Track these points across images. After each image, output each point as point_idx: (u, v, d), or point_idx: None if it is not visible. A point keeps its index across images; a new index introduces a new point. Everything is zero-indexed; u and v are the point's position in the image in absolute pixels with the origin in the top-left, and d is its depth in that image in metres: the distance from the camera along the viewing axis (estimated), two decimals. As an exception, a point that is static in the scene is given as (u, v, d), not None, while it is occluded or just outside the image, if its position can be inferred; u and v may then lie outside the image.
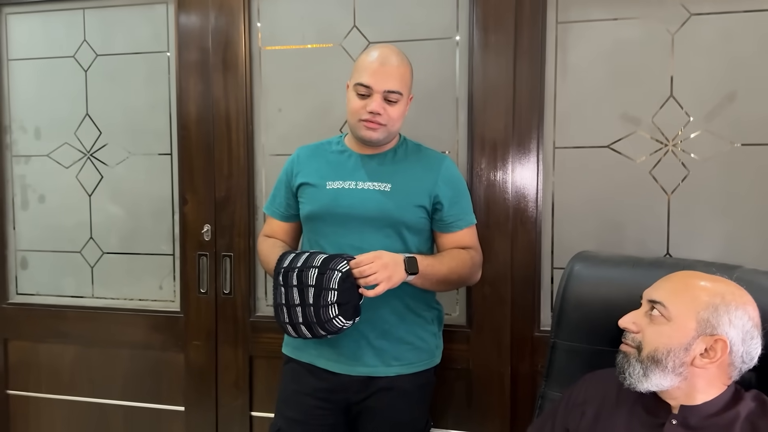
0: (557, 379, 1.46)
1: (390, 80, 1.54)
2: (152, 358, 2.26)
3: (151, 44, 2.21)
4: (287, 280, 1.50)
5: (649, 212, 1.87)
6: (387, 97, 1.54)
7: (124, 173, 2.27)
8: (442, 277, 1.58)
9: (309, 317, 1.47)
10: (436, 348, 1.71)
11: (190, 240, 2.17)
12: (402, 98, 1.57)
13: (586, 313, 1.43)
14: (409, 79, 1.60)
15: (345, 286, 1.44)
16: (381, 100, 1.54)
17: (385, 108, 1.55)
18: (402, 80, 1.56)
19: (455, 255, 1.62)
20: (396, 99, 1.55)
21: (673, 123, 1.84)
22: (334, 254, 1.50)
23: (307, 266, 1.48)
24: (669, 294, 1.18)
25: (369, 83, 1.53)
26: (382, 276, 1.45)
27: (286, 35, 2.10)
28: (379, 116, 1.54)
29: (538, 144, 1.91)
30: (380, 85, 1.53)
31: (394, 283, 1.47)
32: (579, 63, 1.90)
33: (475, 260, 1.67)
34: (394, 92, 1.54)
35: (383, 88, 1.53)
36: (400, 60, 1.57)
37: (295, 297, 1.49)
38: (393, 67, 1.55)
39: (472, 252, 1.66)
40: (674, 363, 1.14)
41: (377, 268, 1.44)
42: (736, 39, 1.78)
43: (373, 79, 1.53)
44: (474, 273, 1.68)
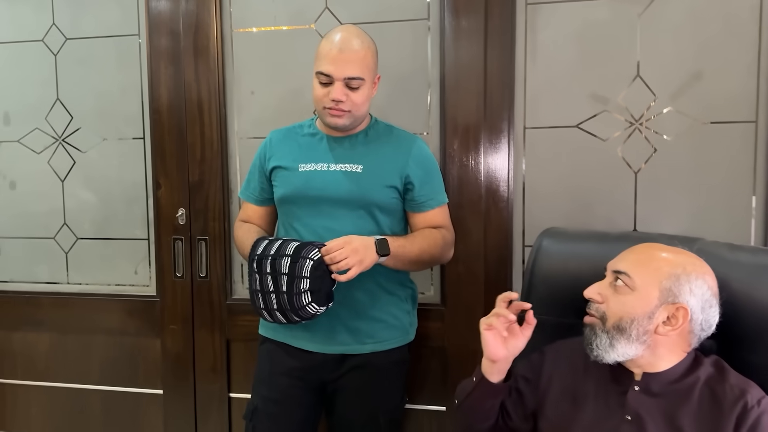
0: (525, 352, 1.49)
1: (350, 67, 1.53)
2: (129, 343, 2.26)
3: (121, 28, 2.19)
4: (261, 267, 1.52)
5: (617, 190, 1.91)
6: (349, 84, 1.54)
7: (97, 158, 2.25)
8: (414, 257, 1.60)
9: (283, 304, 1.49)
10: (410, 326, 1.74)
11: (165, 224, 2.17)
12: (365, 83, 1.56)
13: (554, 286, 1.47)
14: (372, 62, 1.59)
15: (317, 274, 1.46)
16: (343, 87, 1.54)
17: (347, 94, 1.54)
18: (363, 65, 1.55)
19: (427, 235, 1.65)
20: (358, 85, 1.55)
21: (640, 102, 1.88)
22: (306, 242, 1.52)
23: (280, 254, 1.50)
24: (633, 265, 1.22)
25: (329, 71, 1.53)
26: (353, 260, 1.47)
27: (257, 17, 2.09)
28: (342, 103, 1.54)
29: (509, 125, 1.94)
30: (340, 72, 1.53)
31: (365, 266, 1.50)
32: (548, 44, 1.93)
33: (447, 239, 1.69)
34: (356, 78, 1.54)
35: (344, 76, 1.53)
36: (361, 44, 1.56)
37: (269, 284, 1.51)
38: (353, 53, 1.53)
39: (444, 231, 1.69)
40: (638, 331, 1.18)
41: (348, 253, 1.47)
42: (701, 19, 1.83)
43: (332, 67, 1.53)
44: (446, 252, 1.71)
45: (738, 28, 1.81)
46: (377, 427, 1.65)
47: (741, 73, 1.82)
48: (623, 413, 1.20)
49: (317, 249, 1.48)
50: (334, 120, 1.58)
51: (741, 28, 1.81)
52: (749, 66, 1.81)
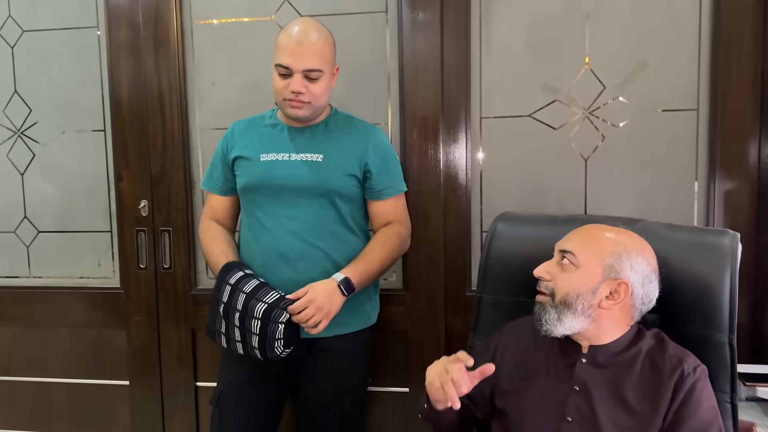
0: (483, 331, 1.57)
1: (308, 59, 1.56)
2: (93, 335, 2.26)
3: (79, 20, 2.18)
4: (229, 317, 1.57)
5: (568, 176, 2.00)
6: (308, 76, 1.57)
7: (57, 151, 2.25)
8: (378, 272, 1.68)
9: (250, 351, 1.56)
10: (372, 309, 1.79)
11: (128, 216, 2.17)
12: (323, 74, 1.60)
13: (508, 267, 1.53)
14: (330, 54, 1.63)
15: (287, 333, 1.53)
16: (302, 79, 1.57)
17: (306, 86, 1.58)
18: (321, 57, 1.58)
19: (383, 242, 1.70)
20: (317, 76, 1.58)
21: (589, 92, 1.96)
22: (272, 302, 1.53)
23: (249, 315, 1.53)
24: (578, 244, 1.29)
25: (287, 64, 1.57)
26: (320, 316, 1.55)
27: (217, 9, 2.11)
28: (302, 95, 1.58)
29: (465, 115, 2.00)
30: (299, 64, 1.56)
31: (335, 313, 1.58)
32: (502, 36, 2.00)
33: (402, 236, 1.75)
34: (314, 70, 1.57)
35: (302, 68, 1.56)
36: (318, 36, 1.59)
37: (236, 335, 1.57)
38: (310, 45, 1.57)
39: (398, 228, 1.73)
40: (583, 306, 1.25)
41: (313, 311, 1.54)
42: (645, 11, 1.92)
43: (291, 60, 1.56)
44: (403, 248, 1.77)
45: (680, 20, 1.91)
46: (341, 406, 1.70)
47: (683, 63, 1.92)
48: (571, 384, 1.28)
49: (285, 311, 1.52)
50: (294, 111, 1.62)
51: (682, 19, 1.91)
52: (690, 56, 1.91)
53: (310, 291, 1.56)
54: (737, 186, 1.89)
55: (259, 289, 1.56)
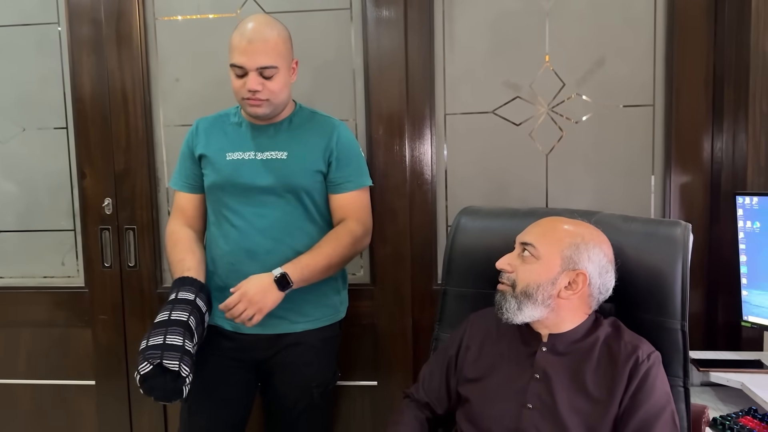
0: (448, 322, 1.60)
1: (261, 56, 1.55)
2: (57, 335, 2.23)
3: (39, 15, 2.15)
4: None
5: (529, 171, 2.05)
6: (262, 73, 1.57)
7: (18, 149, 2.21)
8: (323, 268, 1.64)
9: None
10: (340, 304, 1.81)
11: (91, 214, 2.15)
12: (279, 70, 1.59)
13: (471, 260, 1.57)
14: (284, 49, 1.60)
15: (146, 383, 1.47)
16: (257, 77, 1.56)
17: (263, 83, 1.57)
18: (275, 53, 1.57)
19: (333, 239, 1.67)
20: (272, 73, 1.57)
21: (548, 88, 2.01)
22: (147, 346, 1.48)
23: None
24: (537, 237, 1.33)
25: (241, 63, 1.56)
26: (253, 310, 1.54)
27: (180, 5, 2.10)
28: (259, 93, 1.57)
29: (430, 111, 2.03)
30: (252, 63, 1.55)
31: (269, 308, 1.56)
32: (464, 34, 2.03)
33: (356, 234, 1.70)
34: (268, 67, 1.56)
35: (256, 66, 1.55)
36: (270, 32, 1.58)
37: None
38: (262, 42, 1.55)
39: (351, 225, 1.70)
40: (543, 296, 1.29)
41: (245, 305, 1.53)
42: (602, 10, 1.97)
43: (244, 58, 1.55)
44: (357, 247, 1.72)
45: (635, 17, 1.97)
46: (310, 400, 1.72)
47: (639, 59, 1.98)
48: (532, 372, 1.31)
49: (147, 361, 1.46)
50: (253, 110, 1.62)
51: (638, 17, 1.97)
52: (646, 53, 1.98)
53: (243, 284, 1.55)
54: (691, 179, 1.96)
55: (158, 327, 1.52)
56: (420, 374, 1.51)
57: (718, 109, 1.94)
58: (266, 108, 1.62)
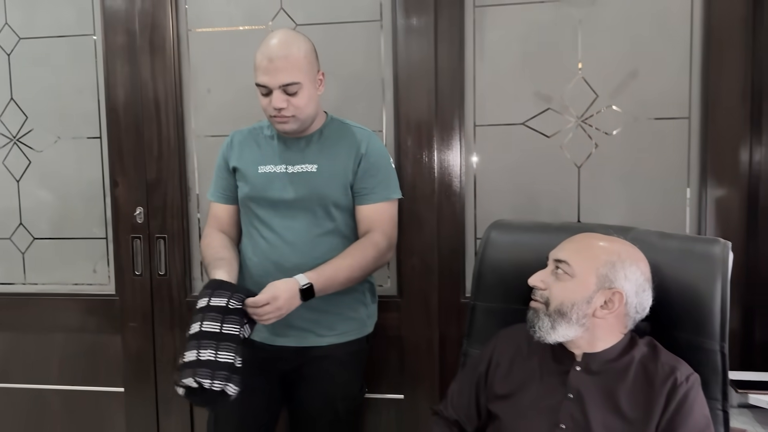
0: (477, 338, 1.57)
1: (282, 74, 1.54)
2: (88, 341, 2.26)
3: (75, 27, 2.19)
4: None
5: (561, 183, 2.01)
6: (286, 90, 1.56)
7: (53, 158, 2.25)
8: (344, 281, 1.61)
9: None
10: (368, 318, 1.79)
11: (123, 223, 2.18)
12: (303, 86, 1.57)
13: (502, 275, 1.54)
14: (306, 63, 1.59)
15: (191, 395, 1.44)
16: (281, 94, 1.56)
17: (287, 100, 1.56)
18: (297, 69, 1.56)
19: (357, 252, 1.64)
20: (296, 90, 1.56)
21: (581, 100, 1.98)
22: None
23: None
24: (572, 253, 1.30)
25: (264, 82, 1.56)
26: (276, 316, 1.50)
27: (213, 17, 2.12)
28: (284, 110, 1.57)
29: (459, 122, 2.02)
30: (274, 81, 1.55)
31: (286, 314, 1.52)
32: (495, 45, 2.01)
33: (380, 247, 1.66)
34: (291, 84, 1.55)
35: (278, 84, 1.55)
36: (291, 48, 1.56)
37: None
38: (283, 60, 1.54)
39: (376, 237, 1.66)
40: (578, 315, 1.26)
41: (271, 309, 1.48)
42: (636, 21, 1.94)
43: (267, 78, 1.55)
44: (380, 262, 1.68)
45: (670, 28, 1.93)
46: (336, 415, 1.71)
47: (674, 71, 1.94)
48: (565, 391, 1.29)
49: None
50: (281, 126, 1.62)
51: (673, 27, 1.93)
52: (682, 64, 1.93)
53: (272, 288, 1.51)
54: (728, 193, 1.91)
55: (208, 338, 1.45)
56: (449, 391, 1.49)
57: (756, 122, 1.89)
58: (293, 124, 1.62)
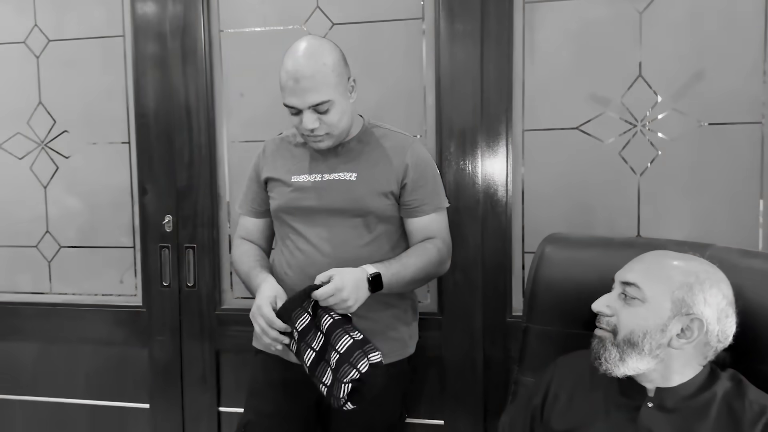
0: (530, 364, 1.43)
1: (310, 95, 1.43)
2: (115, 354, 2.18)
3: (106, 28, 2.12)
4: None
5: (619, 193, 1.86)
6: (316, 109, 1.45)
7: (81, 163, 2.18)
8: (409, 279, 1.52)
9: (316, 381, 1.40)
10: (409, 338, 1.66)
11: (151, 231, 2.10)
12: (335, 102, 1.46)
13: (558, 296, 1.40)
14: (335, 76, 1.46)
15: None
16: (311, 114, 1.45)
17: (319, 119, 1.46)
18: (325, 86, 1.44)
19: (421, 253, 1.56)
20: (326, 107, 1.45)
21: (641, 103, 1.82)
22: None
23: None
24: (642, 275, 1.15)
25: (292, 104, 1.45)
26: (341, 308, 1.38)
27: (246, 18, 2.03)
28: (317, 129, 1.47)
29: (507, 127, 1.88)
30: (303, 102, 1.44)
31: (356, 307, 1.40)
32: (547, 44, 1.87)
33: (443, 253, 1.60)
34: (321, 103, 1.44)
35: (307, 105, 1.44)
36: (315, 64, 1.43)
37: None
38: (310, 79, 1.42)
39: (438, 243, 1.59)
40: (651, 345, 1.11)
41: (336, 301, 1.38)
42: (703, 16, 1.78)
43: (294, 99, 1.44)
44: (441, 266, 1.61)
45: (741, 26, 1.76)
46: (373, 442, 1.58)
47: (745, 72, 1.77)
48: (635, 430, 1.14)
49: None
50: (316, 145, 1.53)
51: (744, 25, 1.76)
52: (754, 64, 1.76)
53: (337, 277, 1.39)
54: (807, 205, 1.73)
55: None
56: (500, 423, 1.35)
57: (839, 127, 1.71)
58: (329, 141, 1.51)
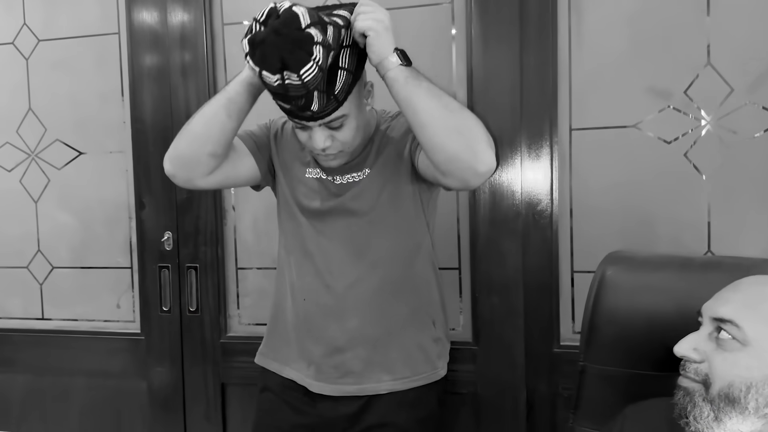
0: (589, 412, 1.17)
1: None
2: (111, 386, 1.97)
3: (99, 25, 1.93)
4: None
5: (684, 202, 1.59)
6: (328, 126, 1.19)
7: (74, 175, 1.99)
8: (437, 93, 1.14)
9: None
10: (438, 357, 1.40)
11: (150, 250, 1.89)
12: (348, 115, 1.19)
13: (624, 329, 1.13)
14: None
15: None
16: (322, 131, 1.19)
17: (331, 136, 1.20)
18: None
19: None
20: (340, 123, 1.19)
21: (711, 95, 1.56)
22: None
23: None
24: (741, 309, 0.88)
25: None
26: (371, 18, 1.10)
27: (251, 8, 1.80)
28: (328, 148, 1.22)
29: (551, 126, 1.63)
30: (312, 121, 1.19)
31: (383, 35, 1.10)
32: (597, 28, 1.63)
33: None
34: (335, 119, 1.18)
35: (317, 122, 1.18)
36: None
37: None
38: None
39: None
40: (757, 402, 0.84)
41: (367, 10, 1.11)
42: (784, -8, 1.51)
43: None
44: (483, 133, 1.19)
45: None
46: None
47: (837, 56, 1.49)
48: None
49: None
50: (327, 164, 1.30)
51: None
52: None
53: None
54: None
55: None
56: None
57: None
58: (341, 159, 1.28)
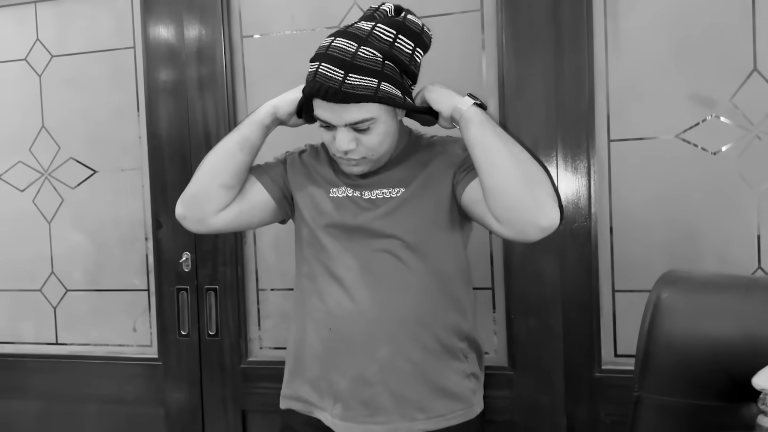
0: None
1: (350, 110, 1.12)
2: (127, 413, 1.89)
3: (113, 40, 1.88)
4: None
5: (732, 215, 1.50)
6: (355, 128, 1.14)
7: (88, 194, 1.92)
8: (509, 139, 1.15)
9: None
10: (473, 393, 1.31)
11: (167, 271, 1.82)
12: (377, 119, 1.14)
13: (684, 356, 1.05)
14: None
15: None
16: (348, 132, 1.14)
17: (357, 139, 1.15)
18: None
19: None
20: (367, 126, 1.14)
21: (758, 103, 1.48)
22: None
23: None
24: (831, 335, 0.80)
25: (326, 119, 1.15)
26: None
27: (271, 20, 1.76)
28: (352, 152, 1.16)
29: (587, 137, 1.55)
30: (339, 119, 1.13)
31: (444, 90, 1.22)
32: (635, 33, 1.55)
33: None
34: (362, 122, 1.13)
35: (344, 122, 1.13)
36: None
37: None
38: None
39: None
40: None
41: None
42: (837, -8, 1.42)
43: (329, 114, 1.14)
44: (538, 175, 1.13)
45: None
46: None
47: None
48: None
49: None
50: (349, 169, 1.23)
51: None
52: None
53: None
54: None
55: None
56: None
57: None
58: (365, 166, 1.21)
